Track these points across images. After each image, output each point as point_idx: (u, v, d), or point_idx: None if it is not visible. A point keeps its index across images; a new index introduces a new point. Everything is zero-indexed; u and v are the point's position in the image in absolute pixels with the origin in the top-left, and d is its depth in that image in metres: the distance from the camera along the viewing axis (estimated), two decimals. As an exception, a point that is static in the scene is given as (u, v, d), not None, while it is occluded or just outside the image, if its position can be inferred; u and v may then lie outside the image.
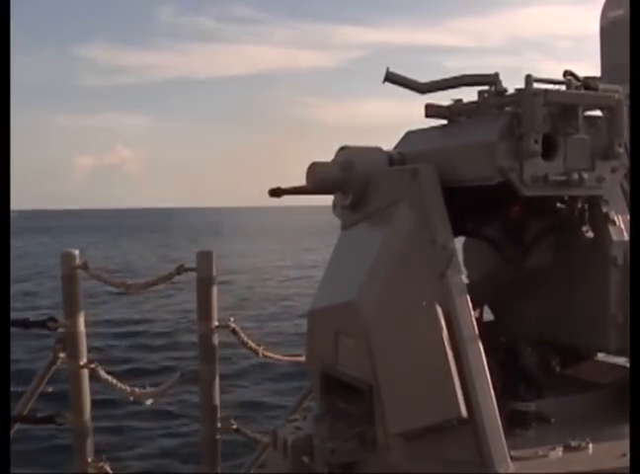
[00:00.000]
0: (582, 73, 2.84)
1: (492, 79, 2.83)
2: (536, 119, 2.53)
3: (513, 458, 2.34)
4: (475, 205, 2.92)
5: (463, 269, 3.38)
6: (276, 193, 3.07)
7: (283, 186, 3.11)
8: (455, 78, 2.94)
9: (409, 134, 3.29)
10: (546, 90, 2.58)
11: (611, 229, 2.85)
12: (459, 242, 3.32)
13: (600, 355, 3.16)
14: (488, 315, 3.39)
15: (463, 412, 2.36)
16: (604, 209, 2.86)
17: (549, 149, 2.61)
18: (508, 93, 2.77)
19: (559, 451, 2.45)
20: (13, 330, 3.59)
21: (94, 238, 75.35)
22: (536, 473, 2.37)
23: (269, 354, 5.01)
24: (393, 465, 2.57)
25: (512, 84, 2.72)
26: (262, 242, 60.95)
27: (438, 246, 2.58)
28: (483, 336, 2.56)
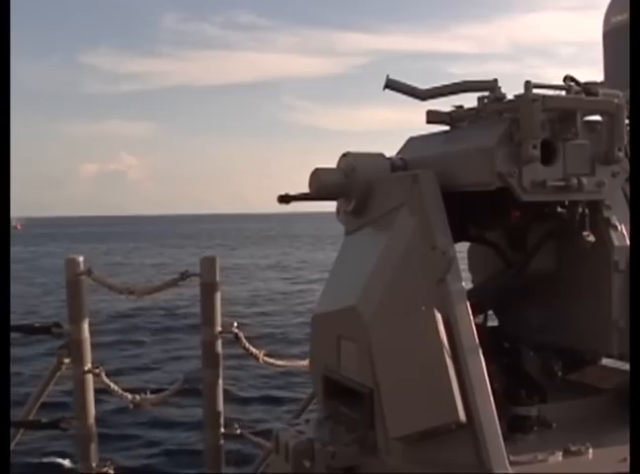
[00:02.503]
0: (585, 79, 2.85)
1: (491, 85, 2.84)
2: (534, 125, 2.54)
3: (512, 463, 2.34)
4: (478, 211, 2.93)
5: (468, 274, 3.39)
6: (285, 199, 3.08)
7: (284, 192, 3.12)
8: (454, 84, 2.95)
9: (411, 140, 3.30)
10: (544, 96, 2.59)
11: (613, 234, 2.85)
12: (464, 247, 3.33)
13: (605, 361, 3.16)
14: (494, 320, 3.40)
15: (462, 416, 2.36)
16: (606, 214, 2.86)
17: (548, 154, 2.62)
18: (507, 99, 2.78)
19: (559, 456, 2.45)
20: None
21: (129, 245, 75.49)
22: None
23: (269, 359, 5.02)
24: (393, 469, 2.57)
25: (515, 90, 2.74)
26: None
27: (437, 251, 2.58)
28: (486, 340, 2.57)
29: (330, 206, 3.31)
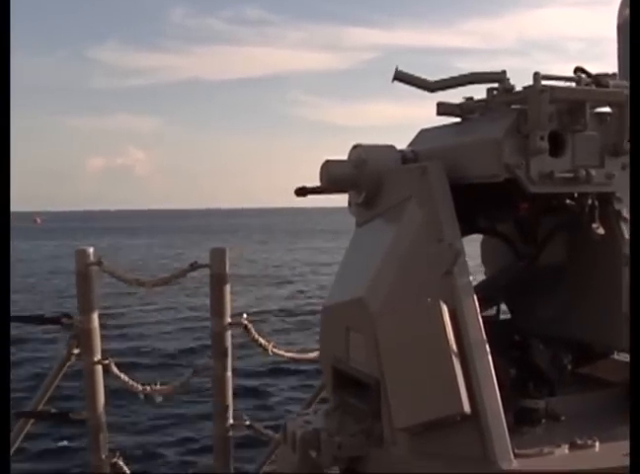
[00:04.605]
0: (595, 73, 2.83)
1: (499, 77, 2.83)
2: (542, 116, 2.52)
3: (517, 455, 2.34)
4: (487, 202, 2.92)
5: (480, 266, 3.37)
6: (301, 192, 3.08)
7: (295, 187, 3.12)
8: (463, 76, 2.94)
9: (423, 132, 3.29)
10: (552, 87, 2.57)
11: (624, 226, 2.82)
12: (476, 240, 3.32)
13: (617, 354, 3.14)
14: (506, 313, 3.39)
15: (466, 408, 2.36)
16: (617, 207, 2.84)
17: (557, 146, 2.61)
18: (516, 90, 2.77)
19: (565, 449, 2.43)
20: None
21: (154, 240, 74.58)
22: (540, 470, 2.35)
23: (278, 351, 5.01)
24: (398, 460, 2.57)
25: (523, 85, 2.72)
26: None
27: (444, 244, 2.58)
28: (497, 333, 2.55)
29: (341, 201, 3.29)
